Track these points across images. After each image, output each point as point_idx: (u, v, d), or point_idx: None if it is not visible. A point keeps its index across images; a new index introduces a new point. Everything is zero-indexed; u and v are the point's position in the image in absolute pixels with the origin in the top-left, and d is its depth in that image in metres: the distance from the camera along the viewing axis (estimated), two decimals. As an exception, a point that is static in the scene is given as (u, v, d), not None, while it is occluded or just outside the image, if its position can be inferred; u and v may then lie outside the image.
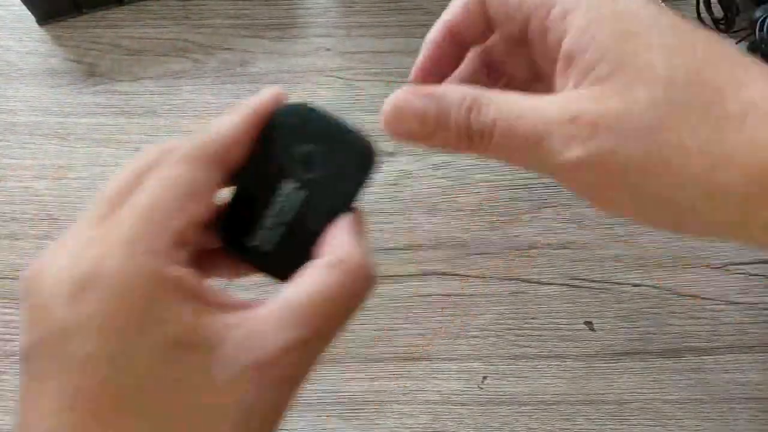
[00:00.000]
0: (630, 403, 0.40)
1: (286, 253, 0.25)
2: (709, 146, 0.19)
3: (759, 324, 0.41)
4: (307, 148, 0.26)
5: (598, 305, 0.42)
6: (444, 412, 0.41)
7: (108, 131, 0.45)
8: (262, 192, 0.25)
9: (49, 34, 0.47)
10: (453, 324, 0.42)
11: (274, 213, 0.25)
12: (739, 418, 0.40)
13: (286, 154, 0.26)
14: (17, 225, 0.44)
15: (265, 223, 0.25)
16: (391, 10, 0.47)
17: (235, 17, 0.47)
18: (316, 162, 0.26)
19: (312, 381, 0.42)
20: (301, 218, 0.25)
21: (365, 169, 0.26)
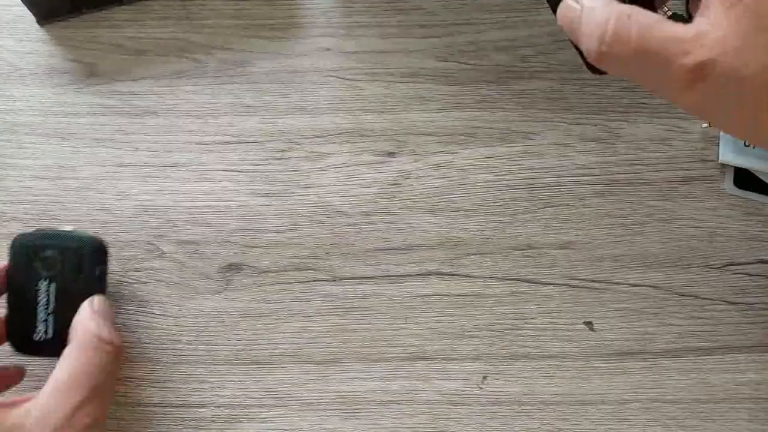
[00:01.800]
0: (630, 403, 0.40)
1: (63, 333, 0.35)
2: None
3: (759, 324, 0.41)
4: (45, 254, 0.36)
5: (598, 305, 0.42)
6: (444, 412, 0.41)
7: (108, 131, 0.45)
8: (27, 298, 0.36)
9: (49, 34, 0.47)
10: (453, 324, 0.42)
11: (41, 308, 0.36)
12: (739, 418, 0.40)
13: (33, 263, 0.36)
14: (17, 225, 0.44)
15: (40, 318, 0.36)
16: (391, 10, 0.47)
17: (235, 17, 0.47)
18: (55, 260, 0.36)
19: (312, 381, 0.43)
20: (61, 304, 0.36)
21: (93, 256, 0.37)
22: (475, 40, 0.47)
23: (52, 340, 0.35)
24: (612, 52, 0.23)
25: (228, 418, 0.40)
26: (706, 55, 0.21)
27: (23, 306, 0.36)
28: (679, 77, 0.22)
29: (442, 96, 0.46)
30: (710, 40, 0.21)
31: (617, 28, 0.23)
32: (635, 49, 0.23)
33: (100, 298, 0.36)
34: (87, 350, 0.31)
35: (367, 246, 0.43)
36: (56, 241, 0.36)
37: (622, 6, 0.25)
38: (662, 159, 0.44)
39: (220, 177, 0.44)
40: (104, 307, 0.35)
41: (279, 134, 0.45)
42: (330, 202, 0.44)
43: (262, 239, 0.43)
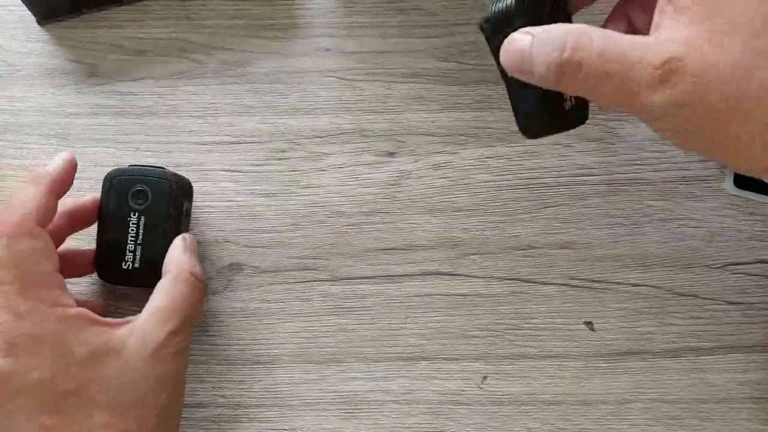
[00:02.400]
0: (630, 403, 0.40)
1: (149, 265, 0.38)
2: None
3: (759, 324, 0.41)
4: (136, 188, 0.38)
5: (598, 305, 0.42)
6: (444, 412, 0.41)
7: (108, 131, 0.45)
8: (118, 229, 0.38)
9: (49, 34, 0.47)
10: (453, 324, 0.42)
11: (131, 239, 0.38)
12: (739, 418, 0.40)
13: (125, 196, 0.38)
14: (17, 225, 0.44)
15: (129, 249, 0.38)
16: (391, 10, 0.47)
17: (235, 17, 0.47)
18: (146, 194, 0.38)
19: (312, 381, 0.43)
20: (149, 237, 0.38)
21: (178, 194, 0.39)
22: (476, 40, 0.47)
23: (140, 270, 0.38)
24: (574, 60, 0.22)
25: (228, 418, 0.40)
26: (674, 51, 0.21)
27: (114, 237, 0.39)
28: (646, 77, 0.21)
29: (442, 96, 0.46)
30: (673, 42, 0.21)
31: (578, 38, 0.23)
32: (598, 54, 0.22)
33: (191, 236, 0.38)
34: (181, 284, 0.34)
35: (367, 246, 0.43)
36: (147, 176, 0.39)
37: (578, 24, 0.24)
38: (662, 159, 0.44)
39: (220, 177, 0.44)
40: (195, 245, 0.38)
41: (279, 134, 0.45)
42: (330, 202, 0.44)
43: (262, 239, 0.43)
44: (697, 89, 0.20)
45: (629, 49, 0.21)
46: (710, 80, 0.20)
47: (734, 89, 0.20)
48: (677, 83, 0.20)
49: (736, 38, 0.20)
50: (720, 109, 0.20)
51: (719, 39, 0.20)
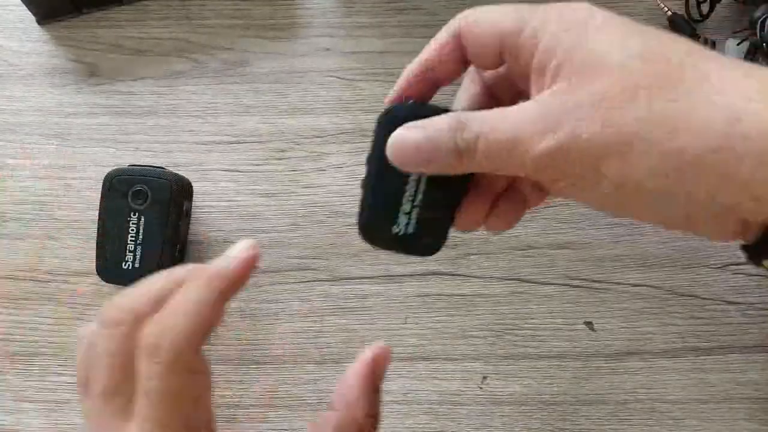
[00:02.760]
0: (630, 403, 0.40)
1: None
2: (666, 118, 0.21)
3: (759, 324, 0.41)
4: (136, 188, 0.36)
5: (598, 305, 0.42)
6: (444, 412, 0.41)
7: (108, 131, 0.45)
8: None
9: (49, 34, 0.47)
10: (453, 324, 0.42)
11: (131, 239, 0.36)
12: (739, 418, 0.40)
13: (125, 196, 0.36)
14: (17, 225, 0.44)
15: (128, 248, 0.36)
16: (391, 10, 0.47)
17: (235, 17, 0.47)
18: (143, 196, 0.36)
19: (312, 381, 0.43)
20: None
21: (178, 194, 0.37)
22: (475, 40, 0.47)
23: (140, 270, 0.38)
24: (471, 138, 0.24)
25: (228, 418, 0.40)
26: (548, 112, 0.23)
27: (114, 237, 0.38)
28: (530, 134, 0.23)
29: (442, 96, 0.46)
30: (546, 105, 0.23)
31: (466, 118, 0.24)
32: (490, 127, 0.24)
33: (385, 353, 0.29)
34: None
35: (367, 246, 0.43)
36: (147, 176, 0.39)
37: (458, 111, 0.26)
38: (662, 159, 0.44)
39: (220, 177, 0.44)
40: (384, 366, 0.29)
41: (279, 134, 0.45)
42: (330, 202, 0.44)
43: (262, 239, 0.43)
44: (576, 132, 0.22)
45: (517, 112, 0.23)
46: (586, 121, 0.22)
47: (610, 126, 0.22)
48: (558, 129, 0.22)
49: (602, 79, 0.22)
50: (601, 145, 0.22)
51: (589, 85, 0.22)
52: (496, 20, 0.25)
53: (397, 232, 0.30)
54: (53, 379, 0.41)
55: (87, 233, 0.43)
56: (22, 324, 0.42)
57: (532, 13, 0.25)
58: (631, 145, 0.21)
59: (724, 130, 0.20)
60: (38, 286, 0.43)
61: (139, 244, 0.39)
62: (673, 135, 0.21)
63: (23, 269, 0.43)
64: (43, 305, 0.42)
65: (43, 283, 0.43)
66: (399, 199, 0.29)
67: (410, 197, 0.29)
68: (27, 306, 0.43)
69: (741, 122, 0.20)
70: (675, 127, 0.21)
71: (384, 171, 0.28)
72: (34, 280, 0.43)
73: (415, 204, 0.29)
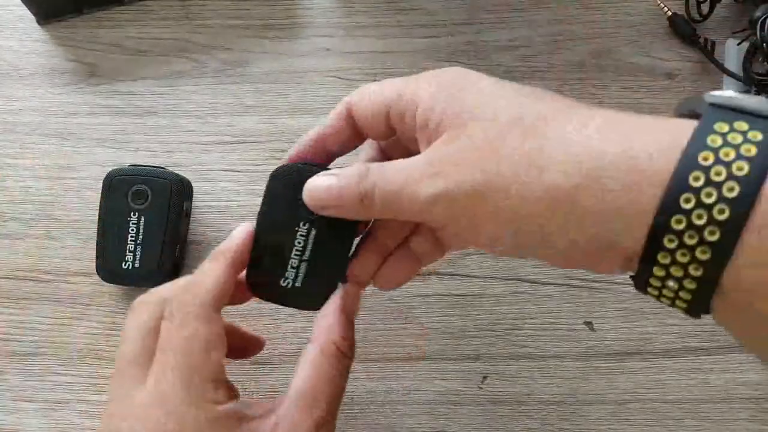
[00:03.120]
0: (630, 403, 0.40)
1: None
2: (533, 159, 0.23)
3: (759, 324, 0.41)
4: (136, 188, 0.34)
5: (598, 305, 0.42)
6: (444, 412, 0.41)
7: (108, 131, 0.45)
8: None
9: (49, 34, 0.47)
10: (453, 324, 0.42)
11: (131, 239, 0.35)
12: (739, 418, 0.40)
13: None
14: (17, 225, 0.44)
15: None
16: (391, 10, 0.47)
17: (235, 17, 0.47)
18: (143, 196, 0.35)
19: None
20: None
21: (178, 194, 0.36)
22: (475, 40, 0.47)
23: (139, 271, 0.38)
24: (369, 185, 0.27)
25: (228, 418, 0.40)
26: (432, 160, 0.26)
27: (114, 237, 0.39)
28: (418, 179, 0.25)
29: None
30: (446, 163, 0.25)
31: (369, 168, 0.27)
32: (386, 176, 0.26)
33: (352, 289, 0.31)
34: (328, 360, 0.29)
35: (367, 246, 0.43)
36: (147, 176, 0.39)
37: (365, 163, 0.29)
38: (662, 159, 0.44)
39: (220, 177, 0.44)
40: (355, 303, 0.31)
41: (279, 134, 0.45)
42: (330, 202, 0.44)
43: (262, 239, 0.43)
44: (455, 177, 0.24)
45: (408, 163, 0.26)
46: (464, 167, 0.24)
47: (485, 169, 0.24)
48: (439, 176, 0.25)
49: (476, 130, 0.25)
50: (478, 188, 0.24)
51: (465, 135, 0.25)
52: (378, 92, 0.29)
53: (285, 285, 0.32)
54: (53, 379, 0.41)
55: (87, 233, 0.43)
56: (21, 324, 0.42)
57: (410, 80, 0.28)
58: (508, 188, 0.24)
59: (584, 167, 0.22)
60: (38, 286, 0.43)
61: (139, 244, 0.39)
62: (540, 173, 0.23)
63: (23, 269, 0.43)
64: (43, 305, 0.42)
65: (43, 283, 0.43)
66: (288, 253, 0.31)
67: (299, 252, 0.31)
68: (27, 306, 0.43)
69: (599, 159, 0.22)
70: (542, 167, 0.23)
71: (274, 225, 0.31)
72: (34, 280, 0.43)
73: (304, 258, 0.31)
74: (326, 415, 0.29)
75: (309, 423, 0.28)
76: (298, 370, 0.30)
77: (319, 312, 0.31)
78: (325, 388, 0.29)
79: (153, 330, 0.29)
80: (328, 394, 0.29)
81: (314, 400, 0.28)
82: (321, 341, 0.30)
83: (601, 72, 0.46)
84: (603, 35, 0.47)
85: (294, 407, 0.28)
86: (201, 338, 0.28)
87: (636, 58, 0.46)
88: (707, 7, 0.46)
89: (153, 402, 0.27)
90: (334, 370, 0.29)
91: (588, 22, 0.47)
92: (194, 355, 0.28)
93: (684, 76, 0.46)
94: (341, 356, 0.30)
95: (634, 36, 0.47)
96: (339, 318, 0.30)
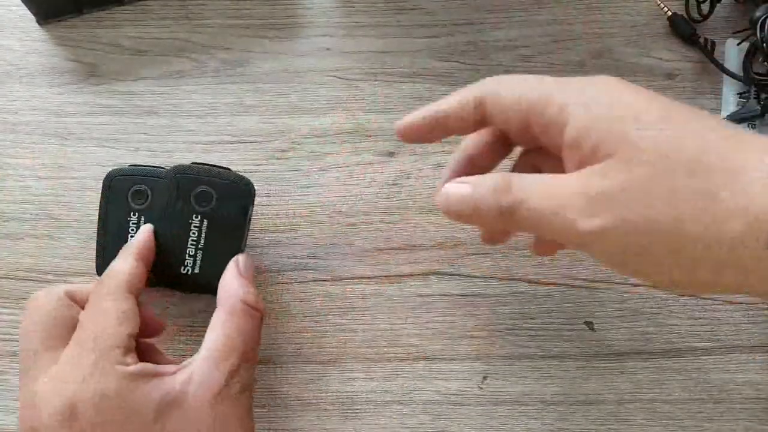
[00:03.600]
0: (630, 403, 0.41)
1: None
2: (701, 207, 0.22)
3: (759, 324, 0.41)
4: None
5: (598, 305, 0.42)
6: (444, 412, 0.41)
7: (108, 131, 0.45)
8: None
9: (49, 34, 0.47)
10: (453, 324, 0.42)
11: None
12: (739, 418, 0.40)
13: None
14: (17, 225, 0.44)
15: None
16: (391, 10, 0.47)
17: (235, 17, 0.47)
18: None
19: (312, 381, 0.43)
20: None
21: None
22: (475, 40, 0.47)
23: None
24: (516, 200, 0.25)
25: (228, 418, 0.40)
26: (597, 186, 0.24)
27: (113, 238, 0.39)
28: (579, 208, 0.24)
29: (442, 96, 0.45)
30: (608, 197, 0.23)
31: (514, 180, 0.26)
32: (536, 193, 0.25)
33: (246, 257, 0.36)
34: (236, 317, 0.32)
35: (367, 246, 0.43)
36: (147, 176, 0.39)
37: (506, 172, 0.28)
38: (662, 159, 0.44)
39: (220, 177, 0.44)
40: (250, 268, 0.36)
41: (279, 134, 0.45)
42: (330, 202, 0.44)
43: (262, 239, 0.43)
44: (619, 214, 0.23)
45: (560, 185, 0.25)
46: (629, 205, 0.23)
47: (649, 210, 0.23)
48: (602, 210, 0.23)
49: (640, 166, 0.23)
50: (642, 229, 0.23)
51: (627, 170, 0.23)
52: (521, 93, 0.27)
53: (185, 273, 0.37)
54: (53, 379, 0.41)
55: (87, 233, 0.43)
56: (22, 324, 0.42)
57: (557, 86, 0.26)
58: (681, 231, 0.22)
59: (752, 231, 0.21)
60: (38, 286, 0.43)
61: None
62: (719, 222, 0.22)
63: (23, 269, 0.43)
64: (43, 305, 0.42)
65: (43, 283, 0.43)
66: (185, 243, 0.37)
67: (194, 241, 0.37)
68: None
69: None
70: (719, 216, 0.22)
71: (171, 219, 0.37)
72: (34, 280, 0.43)
73: (200, 247, 0.37)
74: (239, 363, 0.31)
75: (221, 372, 0.30)
76: (208, 331, 0.32)
77: (220, 282, 0.34)
78: (236, 341, 0.31)
79: (57, 319, 0.32)
80: (239, 347, 0.31)
81: (226, 353, 0.31)
82: (224, 303, 0.33)
83: (601, 72, 0.46)
84: (603, 35, 0.47)
85: (206, 361, 0.31)
86: (112, 314, 0.31)
87: (636, 58, 0.46)
88: (707, 7, 0.46)
89: (66, 363, 0.30)
90: (244, 324, 0.32)
91: (588, 22, 0.47)
92: (107, 328, 0.31)
93: (684, 76, 0.46)
94: (248, 309, 0.33)
95: (634, 36, 0.47)
96: (238, 279, 0.34)
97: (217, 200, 0.37)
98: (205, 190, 0.37)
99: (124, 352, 0.30)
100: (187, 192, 0.37)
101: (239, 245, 0.38)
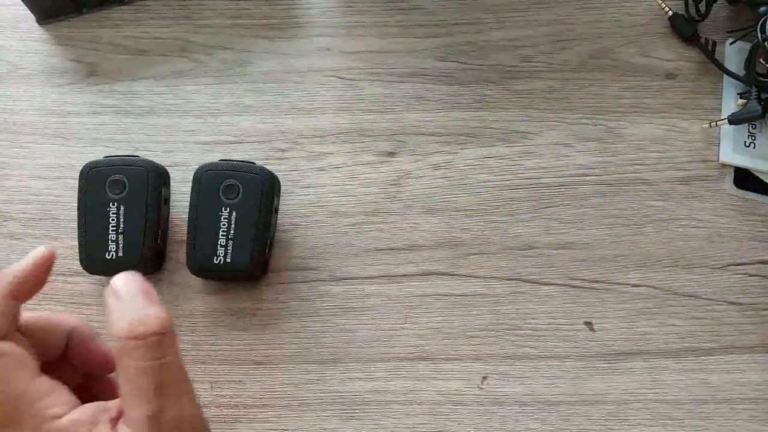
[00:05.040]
0: (630, 403, 0.40)
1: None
2: None
3: (759, 324, 0.41)
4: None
5: (598, 305, 0.42)
6: (444, 412, 0.41)
7: (108, 131, 0.45)
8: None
9: (49, 34, 0.47)
10: (453, 324, 0.42)
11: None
12: (739, 418, 0.40)
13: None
14: (17, 225, 0.44)
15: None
16: (391, 10, 0.47)
17: (235, 17, 0.47)
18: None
19: (312, 381, 0.43)
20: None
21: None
22: (475, 40, 0.47)
23: (123, 259, 0.39)
24: None
25: (228, 418, 0.40)
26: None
27: (96, 227, 0.39)
28: None
29: (442, 96, 0.46)
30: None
31: None
32: None
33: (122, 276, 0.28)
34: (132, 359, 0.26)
35: (367, 246, 0.43)
36: (125, 165, 0.40)
37: None
38: (662, 159, 0.44)
39: (220, 177, 0.44)
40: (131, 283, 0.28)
41: (279, 134, 0.45)
42: (330, 202, 0.44)
43: (262, 239, 0.43)
44: None
45: None
46: None
47: None
48: None
49: None
50: None
51: None
52: None
53: (217, 263, 0.39)
54: (53, 379, 0.41)
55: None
56: (22, 324, 0.42)
57: None
58: None
59: None
60: (38, 286, 0.43)
61: (120, 233, 0.39)
62: None
63: (23, 269, 0.43)
64: (43, 305, 0.42)
65: (43, 283, 0.43)
66: (217, 234, 0.39)
67: (224, 232, 0.39)
68: (27, 306, 0.43)
69: None
70: None
71: (204, 213, 0.39)
72: (34, 280, 0.43)
73: (230, 237, 0.39)
74: (159, 405, 0.25)
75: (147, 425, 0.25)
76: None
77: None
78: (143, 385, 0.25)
79: None
80: (148, 387, 0.25)
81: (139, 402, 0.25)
82: (114, 349, 0.26)
83: (601, 72, 0.46)
84: (603, 35, 0.47)
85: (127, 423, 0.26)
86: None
87: (636, 58, 0.46)
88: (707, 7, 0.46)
89: None
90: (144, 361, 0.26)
91: (588, 22, 0.47)
92: None
93: (684, 76, 0.46)
94: (141, 344, 0.25)
95: (634, 36, 0.47)
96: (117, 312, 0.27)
97: (243, 192, 0.39)
98: (231, 184, 0.39)
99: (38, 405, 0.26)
100: (215, 186, 0.39)
101: (267, 234, 0.40)
